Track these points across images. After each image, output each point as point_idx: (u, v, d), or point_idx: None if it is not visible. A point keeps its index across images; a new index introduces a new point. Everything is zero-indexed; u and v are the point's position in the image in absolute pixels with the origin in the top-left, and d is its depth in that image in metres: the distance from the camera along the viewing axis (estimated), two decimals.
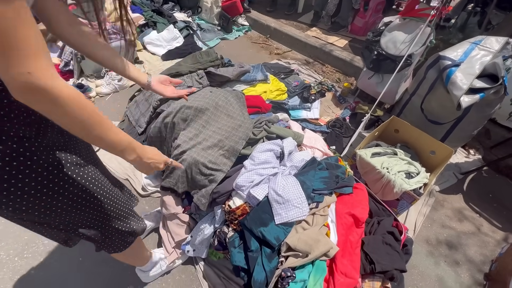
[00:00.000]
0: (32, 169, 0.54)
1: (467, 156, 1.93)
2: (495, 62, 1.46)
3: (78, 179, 0.63)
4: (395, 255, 1.01)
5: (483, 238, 1.47)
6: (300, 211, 0.97)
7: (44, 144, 0.56)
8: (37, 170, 0.55)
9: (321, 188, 1.04)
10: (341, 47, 2.75)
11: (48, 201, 0.59)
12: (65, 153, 0.61)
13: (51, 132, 0.58)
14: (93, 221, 0.72)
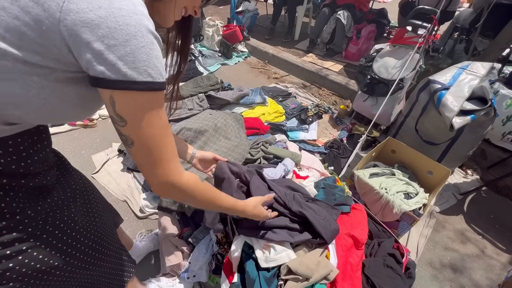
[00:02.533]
0: None
1: (465, 176, 1.94)
2: (482, 85, 1.53)
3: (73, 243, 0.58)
4: (397, 278, 0.99)
5: (488, 261, 1.43)
6: None
7: None
8: None
9: None
10: (337, 71, 2.87)
11: None
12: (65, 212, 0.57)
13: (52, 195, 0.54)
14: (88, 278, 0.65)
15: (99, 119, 2.11)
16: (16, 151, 0.45)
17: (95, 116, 2.09)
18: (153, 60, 0.39)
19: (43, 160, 0.51)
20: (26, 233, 0.47)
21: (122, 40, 0.35)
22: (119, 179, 1.63)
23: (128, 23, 0.35)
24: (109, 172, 1.66)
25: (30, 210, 0.48)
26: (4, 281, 0.46)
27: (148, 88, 0.39)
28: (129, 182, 1.62)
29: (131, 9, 0.36)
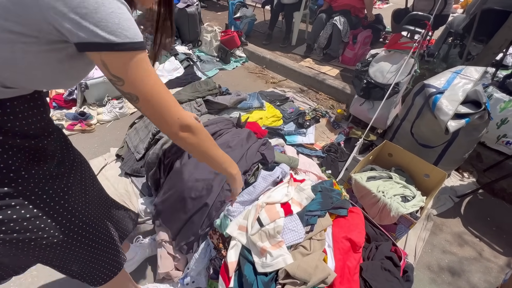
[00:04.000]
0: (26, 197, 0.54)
1: (462, 179, 1.95)
2: (476, 89, 1.55)
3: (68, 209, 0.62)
4: (395, 281, 0.99)
5: (486, 264, 1.43)
6: (296, 234, 0.97)
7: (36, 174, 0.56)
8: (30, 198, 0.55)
9: (315, 209, 1.04)
10: (333, 76, 2.91)
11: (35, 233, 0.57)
12: (56, 183, 0.61)
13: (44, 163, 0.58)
14: (76, 254, 0.68)
15: (97, 124, 2.11)
16: (13, 111, 0.50)
17: (93, 121, 2.09)
18: (126, 23, 0.44)
19: (39, 125, 0.56)
20: (17, 190, 0.53)
21: (92, 8, 0.40)
22: (116, 184, 1.62)
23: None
24: (107, 177, 1.66)
25: (24, 171, 0.53)
26: None
27: (130, 48, 0.45)
28: (127, 187, 1.62)
29: None
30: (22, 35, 0.42)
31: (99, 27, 0.41)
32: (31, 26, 0.42)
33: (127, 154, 1.74)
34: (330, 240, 1.06)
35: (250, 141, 1.32)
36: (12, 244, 0.55)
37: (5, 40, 0.42)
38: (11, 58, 0.44)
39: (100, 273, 0.78)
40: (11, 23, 0.41)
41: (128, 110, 2.25)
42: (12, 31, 0.41)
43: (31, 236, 0.56)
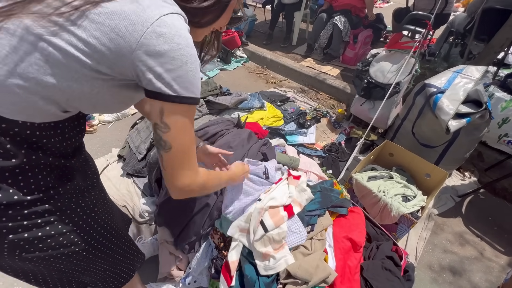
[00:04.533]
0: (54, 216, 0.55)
1: (463, 178, 1.95)
2: (477, 89, 1.55)
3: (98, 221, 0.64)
4: (396, 281, 0.99)
5: (487, 263, 1.43)
6: (298, 236, 0.97)
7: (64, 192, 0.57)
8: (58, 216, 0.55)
9: (314, 209, 1.05)
10: (334, 76, 2.91)
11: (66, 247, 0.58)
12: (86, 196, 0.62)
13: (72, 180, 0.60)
14: (98, 265, 0.70)
15: (99, 124, 2.12)
16: (62, 132, 0.53)
17: (94, 122, 2.10)
18: (196, 81, 0.50)
19: (77, 145, 0.60)
20: (55, 206, 0.54)
21: (177, 66, 0.46)
22: (118, 185, 1.63)
23: (182, 54, 0.47)
24: (109, 177, 1.67)
25: (60, 188, 0.55)
26: (32, 249, 0.52)
27: (190, 102, 0.50)
28: (129, 187, 1.63)
29: (185, 43, 0.47)
30: (106, 75, 0.47)
31: (176, 81, 0.47)
32: (118, 70, 0.47)
33: (128, 155, 1.75)
34: (331, 240, 1.07)
35: (251, 141, 1.33)
36: (43, 261, 0.56)
37: (90, 77, 0.46)
38: (87, 91, 0.48)
39: (115, 281, 0.79)
40: (102, 66, 0.46)
41: (130, 111, 2.26)
42: (100, 71, 0.46)
43: (63, 251, 0.57)
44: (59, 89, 0.46)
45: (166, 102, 0.48)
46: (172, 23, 0.46)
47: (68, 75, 0.45)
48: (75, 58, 0.44)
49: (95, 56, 0.44)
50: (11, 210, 0.48)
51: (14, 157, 0.46)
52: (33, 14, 0.41)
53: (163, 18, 0.45)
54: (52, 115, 0.49)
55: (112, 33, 0.43)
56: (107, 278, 0.76)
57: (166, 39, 0.45)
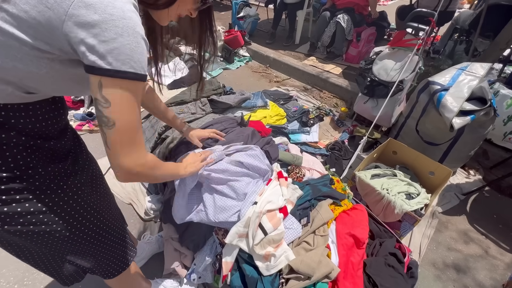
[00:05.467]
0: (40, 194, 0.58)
1: (468, 176, 1.94)
2: (481, 86, 1.54)
3: (81, 204, 0.66)
4: (399, 277, 1.00)
5: (492, 261, 1.43)
6: (294, 231, 0.98)
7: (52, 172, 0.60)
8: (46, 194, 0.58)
9: (304, 201, 1.06)
10: (337, 74, 2.90)
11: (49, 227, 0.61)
12: (70, 179, 0.64)
13: (59, 162, 0.62)
14: (87, 249, 0.72)
15: None
16: (35, 114, 0.54)
17: None
18: (137, 56, 0.48)
19: (58, 127, 0.61)
20: (34, 185, 0.56)
21: (110, 38, 0.44)
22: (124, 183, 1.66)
23: (116, 25, 0.44)
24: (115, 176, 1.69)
25: (41, 169, 0.57)
26: (13, 222, 0.56)
27: (130, 77, 0.48)
28: (134, 185, 1.66)
29: (120, 14, 0.45)
30: (47, 53, 0.47)
31: (111, 54, 0.45)
32: (55, 45, 0.46)
33: None
34: (334, 236, 1.08)
35: (254, 139, 1.34)
36: (27, 236, 0.59)
37: (33, 55, 0.46)
38: (36, 71, 0.48)
39: (110, 268, 0.81)
40: (40, 42, 0.45)
41: None
42: (40, 49, 0.46)
43: (45, 228, 0.60)
44: (6, 69, 0.47)
45: (104, 77, 0.47)
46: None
47: (10, 54, 0.45)
48: (11, 35, 0.44)
49: (29, 31, 0.44)
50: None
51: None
52: None
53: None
54: (15, 97, 0.50)
55: (40, 5, 0.43)
56: (100, 263, 0.77)
57: (96, 9, 0.43)
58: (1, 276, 1.20)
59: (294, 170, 1.37)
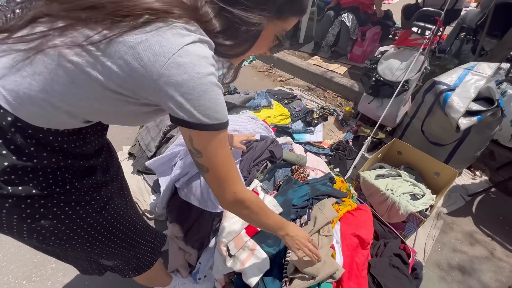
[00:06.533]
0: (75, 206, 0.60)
1: (474, 177, 1.92)
2: (489, 86, 1.52)
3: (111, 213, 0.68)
4: (404, 278, 0.99)
5: (498, 263, 1.41)
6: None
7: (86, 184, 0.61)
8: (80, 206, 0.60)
9: (302, 201, 1.06)
10: (341, 73, 2.89)
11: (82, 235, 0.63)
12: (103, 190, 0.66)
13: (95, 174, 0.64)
14: (116, 253, 0.74)
15: None
16: (83, 138, 0.57)
17: None
18: (219, 107, 0.51)
19: (99, 146, 0.63)
20: (70, 199, 0.58)
21: (197, 95, 0.47)
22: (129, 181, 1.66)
23: (203, 83, 0.47)
24: None
25: (77, 183, 0.58)
26: (48, 234, 0.57)
27: (216, 128, 0.51)
28: (139, 184, 1.67)
29: (205, 72, 0.47)
30: (128, 97, 0.49)
31: (198, 110, 0.48)
32: (138, 94, 0.49)
33: (139, 152, 1.79)
34: (339, 237, 1.08)
35: None
36: (59, 246, 0.61)
37: (113, 98, 0.49)
38: (108, 108, 0.51)
39: (138, 267, 0.84)
40: (123, 90, 0.48)
41: None
42: (122, 94, 0.48)
43: (78, 239, 0.62)
44: (82, 106, 0.49)
45: (192, 130, 0.50)
46: (194, 52, 0.46)
47: (90, 95, 0.47)
48: (99, 81, 0.46)
49: (117, 81, 0.46)
50: (30, 199, 0.52)
51: (36, 158, 0.50)
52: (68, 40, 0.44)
53: (185, 47, 0.45)
54: (71, 124, 0.53)
55: (135, 62, 0.44)
56: (129, 263, 0.80)
57: (186, 68, 0.45)
58: (10, 272, 1.23)
59: (298, 170, 1.37)
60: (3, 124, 0.47)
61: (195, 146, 0.53)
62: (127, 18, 0.43)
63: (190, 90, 0.46)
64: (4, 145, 0.48)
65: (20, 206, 0.51)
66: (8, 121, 0.47)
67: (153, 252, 0.88)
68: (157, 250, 0.90)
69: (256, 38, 0.57)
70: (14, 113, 0.46)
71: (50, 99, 0.46)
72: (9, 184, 0.49)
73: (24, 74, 0.45)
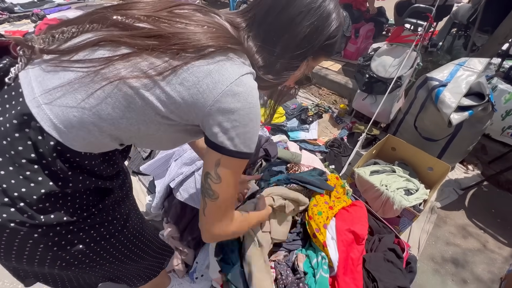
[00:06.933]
0: None
1: (466, 171, 1.95)
2: (479, 81, 1.55)
3: (131, 230, 0.67)
4: (398, 272, 1.01)
5: (490, 255, 1.44)
6: None
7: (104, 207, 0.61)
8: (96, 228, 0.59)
9: None
10: (336, 71, 2.90)
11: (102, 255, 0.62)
12: (122, 207, 0.65)
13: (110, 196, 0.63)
14: (127, 267, 0.73)
15: None
16: (110, 159, 0.57)
17: None
18: (256, 138, 0.53)
19: (120, 167, 0.63)
20: (95, 221, 0.57)
21: (244, 123, 0.49)
22: None
23: (251, 113, 0.49)
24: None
25: (100, 204, 0.58)
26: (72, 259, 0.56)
27: (245, 157, 0.52)
28: (134, 185, 1.66)
29: (256, 102, 0.50)
30: (171, 121, 0.50)
31: (240, 138, 0.50)
32: (185, 118, 0.50)
33: (134, 153, 1.78)
34: (334, 233, 1.09)
35: None
36: (77, 269, 0.60)
37: (160, 122, 0.50)
38: (151, 133, 0.51)
39: (146, 277, 0.84)
40: (174, 115, 0.49)
41: None
42: (169, 118, 0.49)
43: (99, 261, 0.61)
44: (129, 130, 0.49)
45: (225, 155, 0.50)
46: (248, 83, 0.49)
47: (141, 119, 0.48)
48: (153, 106, 0.47)
49: (170, 107, 0.47)
50: (59, 227, 0.51)
51: (71, 182, 0.50)
52: (132, 68, 0.45)
53: (241, 77, 0.48)
54: (109, 148, 0.53)
55: (194, 88, 0.46)
56: (140, 274, 0.80)
57: (240, 97, 0.47)
58: (5, 277, 1.22)
59: (293, 168, 1.38)
60: (45, 148, 0.45)
61: (219, 171, 0.52)
62: (190, 50, 0.46)
63: (239, 117, 0.48)
64: (42, 171, 0.47)
65: (48, 234, 0.50)
66: (51, 145, 0.45)
67: (162, 261, 0.88)
68: (166, 260, 0.90)
69: (292, 74, 0.60)
70: (57, 137, 0.45)
71: (101, 123, 0.46)
72: (42, 213, 0.48)
73: (78, 97, 0.44)
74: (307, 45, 0.55)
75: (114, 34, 0.46)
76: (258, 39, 0.55)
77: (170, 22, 0.48)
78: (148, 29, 0.46)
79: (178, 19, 0.49)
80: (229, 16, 0.57)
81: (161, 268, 0.89)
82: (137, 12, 0.50)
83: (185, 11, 0.53)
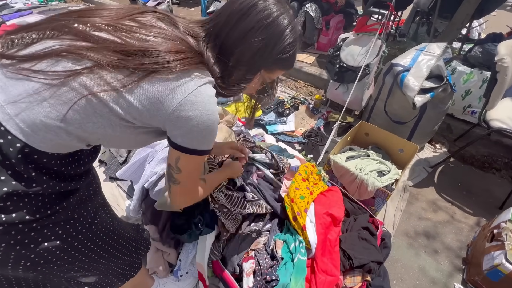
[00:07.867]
0: None
1: (434, 150, 2.07)
2: (438, 64, 1.65)
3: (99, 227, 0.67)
4: (372, 248, 1.07)
5: (457, 225, 1.56)
6: None
7: None
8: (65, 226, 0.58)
9: None
10: (310, 63, 2.96)
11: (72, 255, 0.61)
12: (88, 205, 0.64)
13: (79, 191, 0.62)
14: (102, 267, 0.72)
15: None
16: (78, 160, 0.58)
17: None
18: (213, 138, 0.60)
19: (89, 167, 0.66)
20: (59, 218, 0.57)
21: (201, 128, 0.55)
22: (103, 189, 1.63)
23: (208, 119, 0.55)
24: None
25: (65, 202, 0.57)
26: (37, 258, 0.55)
27: (202, 153, 0.60)
28: (113, 191, 1.63)
29: (213, 109, 0.56)
30: (137, 126, 0.55)
31: (198, 140, 0.57)
32: (149, 123, 0.55)
33: (109, 159, 1.74)
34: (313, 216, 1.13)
35: None
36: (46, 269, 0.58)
37: (125, 126, 0.54)
38: (118, 135, 0.55)
39: (122, 276, 0.83)
40: (137, 121, 0.53)
41: None
42: (133, 123, 0.54)
43: (68, 259, 0.60)
44: (95, 133, 0.52)
45: (184, 153, 0.57)
46: (205, 92, 0.54)
47: (107, 123, 0.52)
48: (117, 113, 0.51)
49: (133, 114, 0.52)
50: (21, 224, 0.51)
51: (35, 183, 0.50)
52: (98, 81, 0.48)
53: (199, 88, 0.53)
54: (77, 148, 0.55)
55: (154, 98, 0.51)
56: (116, 274, 0.79)
57: (198, 106, 0.53)
58: None
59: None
60: (10, 150, 0.46)
61: (179, 165, 0.60)
62: (153, 65, 0.50)
63: (197, 123, 0.53)
64: (5, 171, 0.47)
65: (10, 232, 0.49)
66: (17, 147, 0.47)
67: (139, 258, 0.87)
68: (142, 255, 0.89)
69: (247, 84, 0.66)
70: (24, 139, 0.47)
71: (67, 127, 0.49)
72: (3, 212, 0.48)
73: (45, 104, 0.47)
74: (259, 59, 0.60)
75: (77, 46, 0.48)
76: (215, 50, 0.59)
77: (130, 33, 0.52)
78: (110, 42, 0.49)
79: (140, 29, 0.53)
80: (189, 26, 0.60)
81: (138, 267, 0.88)
82: (99, 20, 0.52)
83: (148, 19, 0.56)
